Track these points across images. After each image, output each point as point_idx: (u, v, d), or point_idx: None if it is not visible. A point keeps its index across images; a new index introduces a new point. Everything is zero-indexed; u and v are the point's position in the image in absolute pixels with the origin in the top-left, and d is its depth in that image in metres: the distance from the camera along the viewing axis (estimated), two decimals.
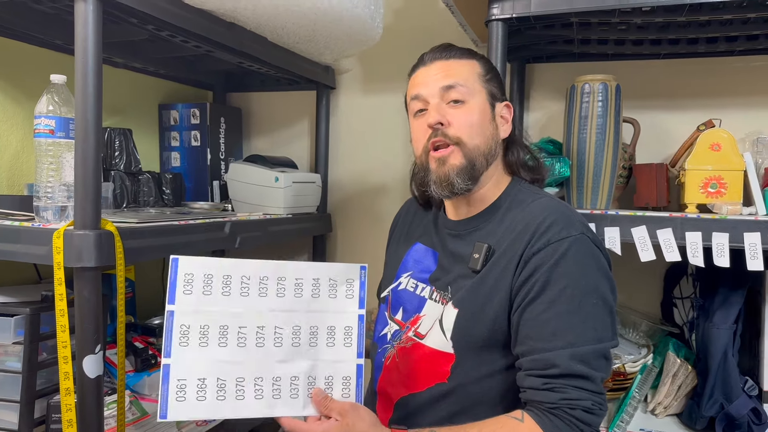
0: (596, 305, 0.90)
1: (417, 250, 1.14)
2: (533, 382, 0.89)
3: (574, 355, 0.87)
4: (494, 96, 1.04)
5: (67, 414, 1.00)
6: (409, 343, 1.04)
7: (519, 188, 1.06)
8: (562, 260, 0.91)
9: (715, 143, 1.28)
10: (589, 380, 0.87)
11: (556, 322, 0.89)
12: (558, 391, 0.86)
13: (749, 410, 1.23)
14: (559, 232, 0.93)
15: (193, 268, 0.91)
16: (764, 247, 1.11)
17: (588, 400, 0.86)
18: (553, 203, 0.99)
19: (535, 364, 0.89)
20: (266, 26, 1.40)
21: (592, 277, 0.92)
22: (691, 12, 1.20)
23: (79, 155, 1.01)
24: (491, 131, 1.03)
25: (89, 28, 0.99)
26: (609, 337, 0.91)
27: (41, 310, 1.15)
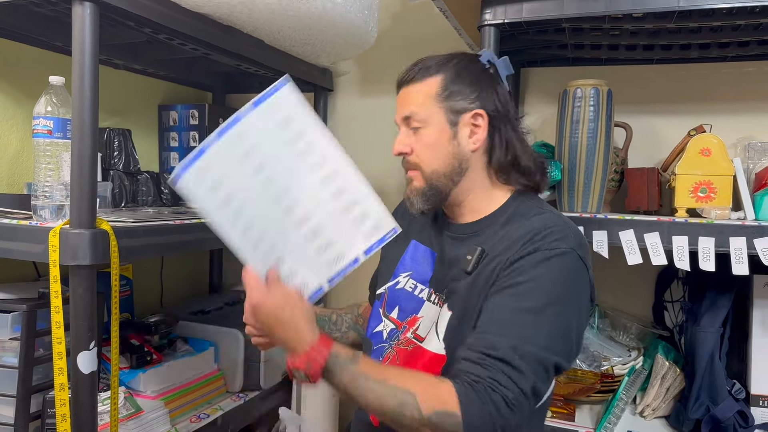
0: (558, 317, 0.89)
1: (415, 249, 1.14)
2: (469, 354, 0.88)
3: (517, 348, 0.85)
4: (456, 110, 1.02)
5: (61, 409, 1.02)
6: (410, 346, 1.05)
7: (522, 200, 1.04)
8: (544, 264, 0.91)
9: (705, 148, 1.29)
10: (522, 377, 0.84)
11: (514, 315, 0.89)
12: (487, 369, 0.85)
13: (735, 413, 1.24)
14: (550, 243, 0.92)
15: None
16: (750, 252, 1.13)
17: (512, 392, 0.83)
18: (555, 218, 0.98)
19: (478, 342, 0.88)
20: (263, 29, 1.42)
21: (564, 291, 0.91)
22: (680, 19, 1.21)
23: (76, 155, 1.03)
24: (451, 150, 1.02)
25: (86, 31, 1.01)
26: (558, 352, 0.88)
27: (38, 307, 1.17)
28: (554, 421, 1.33)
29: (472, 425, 0.82)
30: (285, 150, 0.90)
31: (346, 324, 1.26)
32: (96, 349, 1.06)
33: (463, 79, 1.03)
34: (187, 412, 1.40)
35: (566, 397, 1.37)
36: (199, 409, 1.43)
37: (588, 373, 1.35)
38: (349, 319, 1.27)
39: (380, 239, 0.95)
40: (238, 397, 1.53)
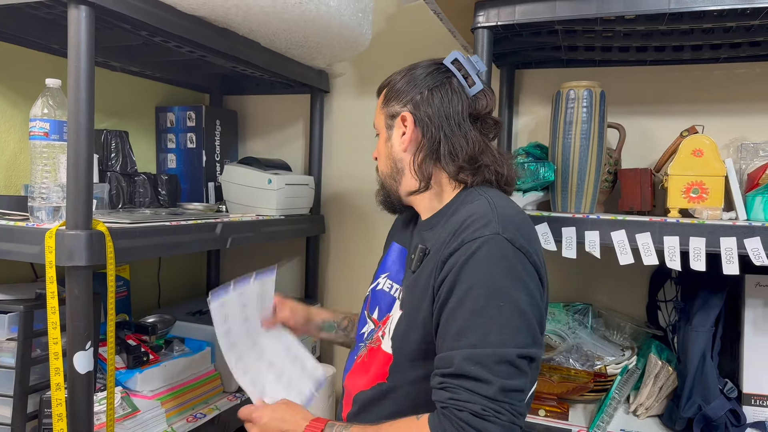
0: (502, 308, 0.86)
1: (394, 250, 1.17)
2: (434, 381, 0.89)
3: (471, 356, 0.84)
4: (391, 115, 1.09)
5: (58, 408, 1.03)
6: (376, 344, 1.07)
7: (470, 191, 1.04)
8: (471, 259, 0.89)
9: (697, 149, 1.30)
10: (483, 383, 0.83)
11: (461, 322, 0.87)
12: (449, 390, 0.85)
13: (727, 412, 1.25)
14: (473, 232, 0.91)
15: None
16: (741, 252, 1.14)
17: (478, 404, 0.82)
18: (483, 203, 0.97)
19: (438, 363, 0.89)
20: (258, 32, 1.43)
21: (500, 279, 0.88)
22: (672, 20, 1.22)
23: (72, 157, 1.04)
24: (387, 152, 1.10)
25: (81, 34, 1.02)
26: (518, 343, 0.86)
27: (35, 308, 1.18)
28: (547, 420, 1.34)
29: None
30: (257, 312, 1.21)
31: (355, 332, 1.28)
32: (92, 349, 1.07)
33: (401, 85, 1.09)
34: (184, 411, 1.41)
35: (560, 396, 1.38)
36: (196, 409, 1.44)
37: (581, 373, 1.36)
38: None
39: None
40: (235, 396, 1.54)
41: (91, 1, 1.02)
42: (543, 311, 0.95)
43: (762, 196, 1.25)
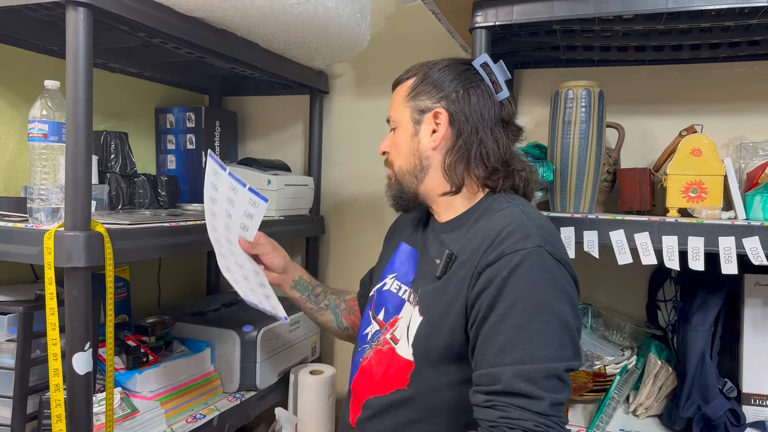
0: (548, 322, 0.86)
1: (402, 251, 1.16)
2: (477, 398, 0.87)
3: (520, 373, 0.83)
4: (420, 110, 1.06)
5: (57, 409, 1.03)
6: (385, 347, 1.06)
7: (495, 196, 1.04)
8: (514, 273, 0.88)
9: (696, 148, 1.30)
10: (534, 400, 0.83)
11: (505, 337, 0.86)
12: (498, 409, 0.84)
13: (727, 411, 1.25)
14: (514, 244, 0.90)
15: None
16: (739, 251, 1.13)
17: (530, 421, 0.82)
18: (516, 213, 0.97)
19: (482, 380, 0.88)
20: (257, 33, 1.43)
21: (545, 292, 0.88)
22: (669, 20, 1.22)
23: (70, 158, 1.04)
24: (412, 147, 1.07)
25: (80, 36, 1.02)
26: (564, 357, 0.86)
27: (34, 309, 1.18)
28: None
29: None
30: (237, 226, 1.23)
31: (327, 302, 1.28)
32: (91, 350, 1.07)
33: (433, 80, 1.07)
34: (184, 412, 1.41)
35: None
36: (196, 410, 1.44)
37: (581, 373, 1.36)
38: (332, 300, 1.29)
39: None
40: (234, 397, 1.54)
41: (88, 3, 1.02)
42: (581, 321, 0.97)
43: (761, 196, 1.25)
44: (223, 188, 1.17)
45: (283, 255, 1.26)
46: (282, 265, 1.25)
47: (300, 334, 1.76)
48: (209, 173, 1.15)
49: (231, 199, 1.18)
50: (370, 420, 1.04)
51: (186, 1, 1.22)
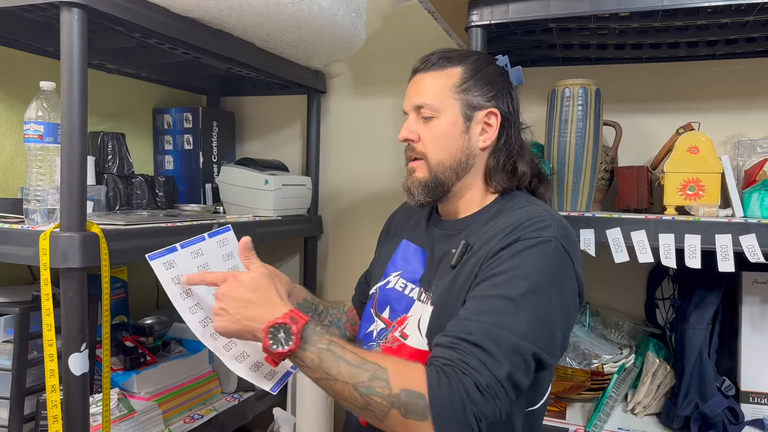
0: (538, 305, 0.86)
1: (406, 249, 1.14)
2: (443, 339, 0.86)
3: (491, 333, 0.83)
4: (472, 106, 1.02)
5: (53, 410, 1.03)
6: (395, 344, 1.05)
7: (513, 195, 1.05)
8: (524, 252, 0.89)
9: (693, 146, 1.30)
10: (496, 362, 0.81)
11: (491, 302, 0.87)
12: (460, 353, 0.82)
13: (725, 409, 1.25)
14: (532, 231, 0.91)
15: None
16: (736, 248, 1.13)
17: (484, 377, 0.80)
18: (539, 209, 0.97)
19: (454, 327, 0.87)
20: (253, 33, 1.43)
21: (545, 278, 0.88)
22: (666, 17, 1.22)
23: (65, 159, 1.04)
24: (461, 144, 1.03)
25: (74, 37, 1.02)
26: (537, 343, 0.85)
27: (31, 310, 1.18)
28: (545, 419, 1.33)
29: (441, 409, 0.79)
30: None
31: (330, 318, 1.26)
32: (87, 351, 1.07)
33: (483, 76, 1.04)
34: (181, 412, 1.41)
35: (557, 395, 1.37)
36: (194, 410, 1.44)
37: (578, 371, 1.36)
38: (334, 315, 1.28)
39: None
40: (233, 397, 1.54)
41: (82, 4, 1.02)
42: (571, 325, 0.95)
43: (759, 193, 1.24)
44: (187, 268, 1.02)
45: (285, 281, 1.17)
46: (286, 289, 1.16)
47: None
48: (164, 274, 0.98)
49: (204, 265, 1.05)
50: None
51: (181, 1, 1.22)
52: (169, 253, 0.99)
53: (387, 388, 0.80)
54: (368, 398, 0.81)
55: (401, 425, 0.80)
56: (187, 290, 0.99)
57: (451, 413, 0.78)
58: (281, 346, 0.83)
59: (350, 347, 0.85)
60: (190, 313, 0.98)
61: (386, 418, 0.81)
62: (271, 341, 0.84)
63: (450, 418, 0.78)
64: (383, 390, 0.80)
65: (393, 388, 0.80)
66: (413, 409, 0.79)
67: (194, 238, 1.05)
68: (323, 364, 0.83)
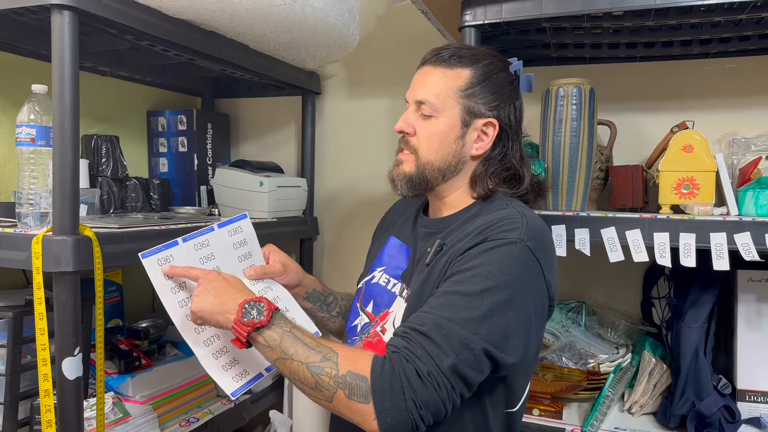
0: (494, 304, 0.87)
1: (392, 245, 1.15)
2: (398, 329, 0.90)
3: (442, 326, 0.85)
4: (473, 112, 1.01)
5: (47, 415, 1.03)
6: (375, 339, 1.06)
7: (494, 197, 1.05)
8: (488, 252, 0.91)
9: (688, 145, 1.30)
10: (442, 353, 0.83)
11: (449, 297, 0.89)
12: (408, 341, 0.86)
13: (721, 408, 1.25)
14: (498, 233, 0.92)
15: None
16: (731, 247, 1.13)
17: (426, 365, 0.82)
18: (512, 211, 0.97)
19: (412, 319, 0.90)
20: (245, 34, 1.43)
21: (508, 280, 0.88)
22: (658, 16, 1.22)
23: (57, 163, 1.04)
24: (454, 149, 1.02)
25: (65, 39, 1.02)
26: (489, 339, 0.85)
27: (24, 314, 1.18)
28: (542, 419, 1.34)
29: (380, 392, 0.82)
30: (236, 263, 1.09)
31: (338, 309, 1.27)
32: (81, 355, 1.06)
33: (490, 84, 1.03)
34: (177, 416, 1.41)
35: (553, 395, 1.37)
36: (189, 413, 1.44)
37: (574, 371, 1.36)
38: (343, 306, 1.28)
39: None
40: (229, 400, 1.54)
41: (73, 6, 1.01)
42: (534, 325, 0.93)
43: (753, 191, 1.24)
44: (189, 261, 1.02)
45: (295, 270, 1.17)
46: (296, 281, 1.19)
47: None
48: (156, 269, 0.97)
49: (210, 255, 1.05)
50: None
51: (173, 3, 1.21)
52: (166, 248, 1.00)
53: (335, 369, 0.84)
54: (318, 377, 0.85)
55: (346, 407, 0.84)
56: (182, 283, 1.00)
57: (390, 397, 0.82)
58: (253, 318, 0.89)
59: (310, 335, 0.91)
60: (178, 307, 0.99)
61: (333, 398, 0.84)
62: (244, 313, 0.89)
63: (389, 402, 0.82)
64: (331, 371, 0.84)
65: (341, 369, 0.84)
66: (356, 391, 0.83)
67: (201, 230, 1.05)
68: (283, 343, 0.88)
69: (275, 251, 1.15)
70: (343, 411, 0.85)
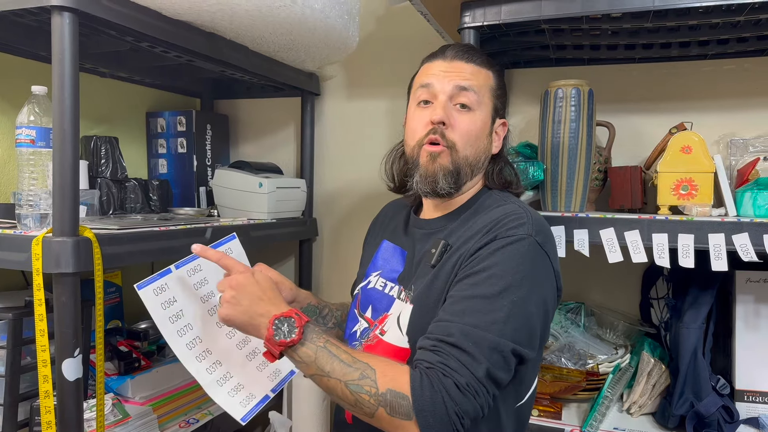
0: (515, 303, 0.89)
1: (386, 249, 1.16)
2: (425, 342, 0.90)
3: (470, 333, 0.86)
4: (497, 111, 1.08)
5: (47, 416, 1.03)
6: (374, 340, 1.07)
7: (490, 194, 1.08)
8: (500, 251, 0.92)
9: (686, 146, 1.30)
10: (475, 362, 0.85)
11: (469, 303, 0.89)
12: (440, 355, 0.86)
13: (720, 408, 1.25)
14: (507, 230, 0.94)
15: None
16: (729, 248, 1.13)
17: (464, 377, 0.84)
18: (515, 207, 1.00)
19: (435, 329, 0.90)
20: (245, 36, 1.43)
21: (522, 276, 0.90)
22: (657, 18, 1.22)
23: (57, 164, 1.04)
24: (484, 145, 1.06)
25: (65, 41, 1.02)
26: (515, 339, 0.88)
27: (24, 315, 1.18)
28: (541, 419, 1.34)
29: (422, 410, 0.83)
30: None
31: (334, 321, 1.27)
32: (81, 356, 1.06)
33: (504, 88, 1.11)
34: (176, 417, 1.41)
35: (553, 395, 1.37)
36: (189, 414, 1.44)
37: (573, 372, 1.36)
38: (338, 316, 1.28)
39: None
40: None
41: (74, 8, 1.02)
42: (550, 318, 0.98)
43: (751, 192, 1.25)
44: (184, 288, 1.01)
45: (289, 288, 1.16)
46: (290, 298, 1.17)
47: None
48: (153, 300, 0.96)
49: (203, 280, 1.04)
50: None
51: (173, 4, 1.21)
52: (161, 277, 0.98)
53: (374, 387, 0.85)
54: (357, 395, 0.85)
55: (388, 423, 0.85)
56: (178, 312, 0.99)
57: (433, 412, 0.83)
58: (284, 336, 0.88)
59: (344, 347, 0.90)
60: (177, 336, 0.98)
61: (374, 415, 0.85)
62: (275, 331, 0.88)
63: (432, 417, 0.83)
64: (371, 389, 0.85)
65: (380, 387, 0.85)
66: (398, 409, 0.84)
67: (191, 255, 1.02)
68: (318, 360, 0.87)
69: (266, 269, 1.09)
70: (385, 426, 0.86)
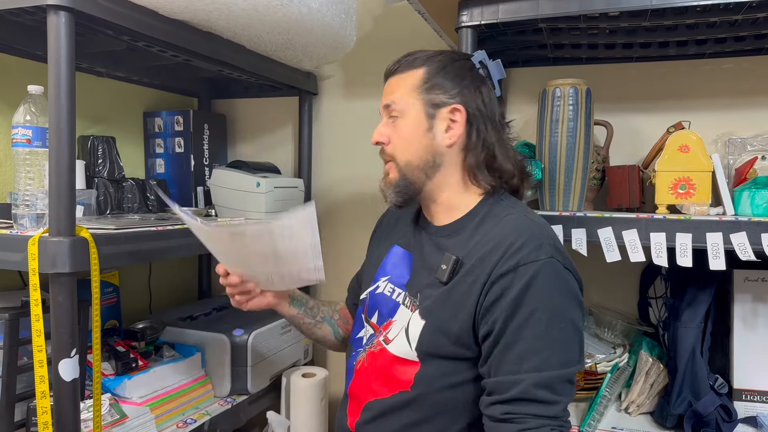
0: (564, 329, 0.90)
1: (395, 254, 1.14)
2: (493, 410, 0.90)
3: (538, 380, 0.87)
4: (435, 104, 1.02)
5: (43, 417, 1.02)
6: (377, 348, 1.05)
7: (495, 200, 1.05)
8: (531, 285, 0.91)
9: (684, 145, 1.30)
10: (551, 405, 0.87)
11: (523, 346, 0.89)
12: (516, 422, 0.87)
13: (718, 407, 1.25)
14: (528, 255, 0.92)
15: None
16: (727, 247, 1.13)
17: (547, 427, 0.86)
18: (525, 221, 0.98)
19: (497, 387, 0.90)
20: (242, 35, 1.43)
21: (561, 301, 0.92)
22: (655, 17, 1.22)
23: (53, 163, 1.03)
24: (426, 143, 1.02)
25: (61, 40, 1.02)
26: (575, 360, 0.92)
27: (20, 316, 1.17)
28: None
29: None
30: None
31: (322, 315, 1.26)
32: (77, 356, 1.06)
33: (446, 74, 1.03)
34: (174, 417, 1.40)
35: None
36: (186, 415, 1.43)
37: None
38: (326, 311, 1.27)
39: None
40: (226, 401, 1.53)
41: (70, 7, 1.01)
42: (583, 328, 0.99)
43: (749, 191, 1.25)
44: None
45: None
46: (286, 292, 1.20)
47: (291, 337, 1.75)
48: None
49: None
50: (371, 422, 1.03)
51: (170, 3, 1.21)
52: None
53: None
54: None
55: None
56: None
57: None
58: None
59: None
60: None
61: None
62: None
63: None
64: None
65: None
66: None
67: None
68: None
69: None
70: None
